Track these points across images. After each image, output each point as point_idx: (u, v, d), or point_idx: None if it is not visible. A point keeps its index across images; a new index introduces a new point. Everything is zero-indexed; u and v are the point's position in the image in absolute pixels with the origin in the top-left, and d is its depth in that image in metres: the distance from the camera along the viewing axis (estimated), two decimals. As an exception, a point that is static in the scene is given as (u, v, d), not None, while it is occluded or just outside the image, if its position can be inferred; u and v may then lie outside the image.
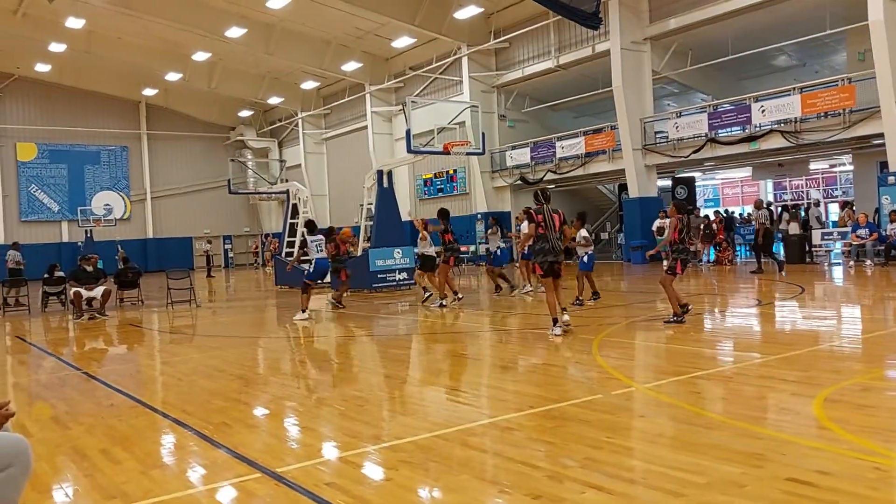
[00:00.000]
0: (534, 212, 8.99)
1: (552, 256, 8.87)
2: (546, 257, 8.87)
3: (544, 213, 8.91)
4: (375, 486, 4.04)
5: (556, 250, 8.90)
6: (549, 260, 8.86)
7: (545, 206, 8.95)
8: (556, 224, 8.93)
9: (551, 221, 8.89)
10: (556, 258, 8.92)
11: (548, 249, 8.84)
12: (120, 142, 40.45)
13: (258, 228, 44.67)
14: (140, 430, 5.45)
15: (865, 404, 5.04)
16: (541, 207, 8.95)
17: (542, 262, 8.90)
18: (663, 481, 3.71)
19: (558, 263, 8.97)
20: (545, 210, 8.93)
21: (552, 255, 8.87)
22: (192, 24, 28.31)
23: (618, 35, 23.19)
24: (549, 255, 8.85)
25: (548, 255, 8.85)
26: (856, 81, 18.63)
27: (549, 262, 8.87)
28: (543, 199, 9.02)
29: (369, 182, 19.15)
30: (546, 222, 8.87)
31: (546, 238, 8.85)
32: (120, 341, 11.99)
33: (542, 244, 8.90)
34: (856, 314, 10.49)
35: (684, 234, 9.74)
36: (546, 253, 8.86)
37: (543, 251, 8.88)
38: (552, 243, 8.85)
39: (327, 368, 8.40)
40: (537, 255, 8.98)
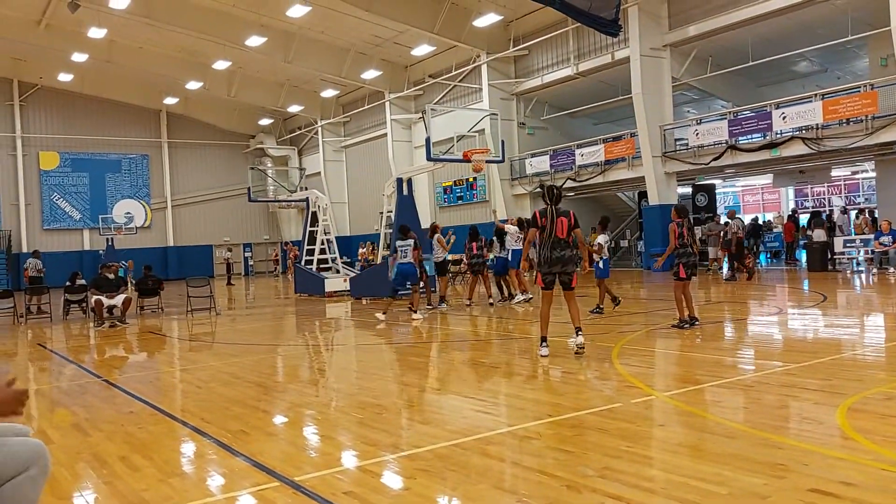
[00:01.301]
0: (538, 213, 7.91)
1: (558, 266, 7.77)
2: (549, 267, 7.80)
3: (548, 215, 7.78)
4: (393, 495, 4.02)
5: (559, 259, 7.76)
6: (553, 271, 7.80)
7: (550, 208, 7.82)
8: (562, 228, 7.79)
9: (553, 225, 7.77)
10: (564, 268, 7.77)
11: (548, 258, 7.79)
12: (141, 150, 40.96)
13: (278, 236, 44.94)
14: (159, 438, 5.49)
15: (890, 414, 4.95)
16: (545, 209, 7.87)
17: (545, 272, 7.84)
18: (683, 491, 3.66)
19: (566, 274, 7.81)
20: (549, 212, 7.80)
21: (555, 264, 7.77)
22: (213, 34, 28.67)
23: (637, 42, 23.12)
24: (550, 266, 7.79)
25: (551, 265, 7.78)
26: (878, 87, 18.41)
27: (553, 272, 7.81)
28: (549, 198, 7.88)
29: (389, 190, 19.21)
30: (552, 227, 7.76)
31: (547, 244, 7.80)
32: (140, 349, 12.10)
33: (544, 251, 7.84)
34: (879, 322, 10.33)
35: (685, 238, 9.80)
36: (547, 262, 7.80)
37: (545, 259, 7.83)
38: (552, 251, 7.77)
39: (345, 376, 8.40)
40: (540, 264, 7.92)
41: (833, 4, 19.64)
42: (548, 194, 7.92)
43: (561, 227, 7.77)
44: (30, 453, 2.71)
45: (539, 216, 7.84)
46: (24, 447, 2.72)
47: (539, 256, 7.88)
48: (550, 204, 7.83)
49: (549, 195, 7.90)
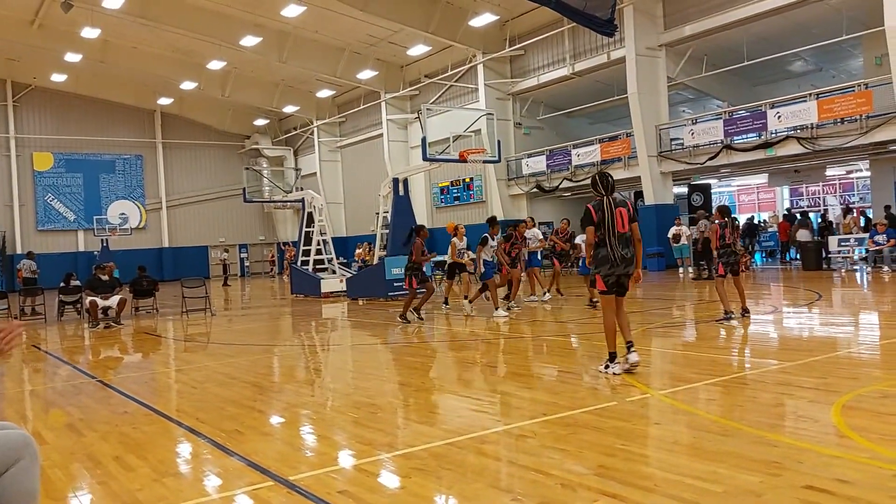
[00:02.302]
0: (592, 207, 6.79)
1: (622, 266, 6.73)
2: (610, 268, 6.72)
3: (604, 208, 6.73)
4: (388, 493, 4.02)
5: (623, 259, 6.74)
6: (616, 272, 6.73)
7: (605, 199, 6.74)
8: (623, 221, 6.76)
9: (613, 219, 6.71)
10: (626, 270, 6.76)
11: (608, 258, 6.74)
12: (135, 151, 40.87)
13: (274, 237, 44.89)
14: (154, 438, 5.47)
15: (885, 412, 4.96)
16: (600, 201, 6.76)
17: (606, 274, 6.74)
18: (679, 489, 3.66)
19: (626, 276, 6.79)
20: (605, 204, 6.74)
21: (617, 265, 6.73)
22: (207, 34, 28.62)
23: (633, 42, 23.15)
24: (614, 266, 6.73)
25: (612, 266, 6.72)
26: (873, 87, 18.46)
27: (615, 274, 6.73)
28: (603, 188, 6.79)
29: (385, 190, 19.21)
30: (606, 221, 6.73)
31: (607, 242, 6.76)
32: (135, 349, 12.07)
33: (603, 250, 6.78)
34: (873, 320, 10.35)
35: (727, 238, 10.06)
36: (608, 262, 6.73)
37: (605, 259, 6.75)
38: (615, 250, 6.73)
39: (341, 376, 8.39)
40: (598, 265, 6.80)
41: (827, 4, 19.69)
42: (601, 183, 6.82)
43: (621, 221, 6.73)
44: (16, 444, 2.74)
45: (594, 210, 6.76)
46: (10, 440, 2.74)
47: (598, 256, 6.81)
48: (606, 195, 6.77)
49: (603, 184, 6.82)
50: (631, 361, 6.66)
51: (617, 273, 6.71)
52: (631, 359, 6.67)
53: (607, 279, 6.74)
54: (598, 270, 6.79)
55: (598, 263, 6.79)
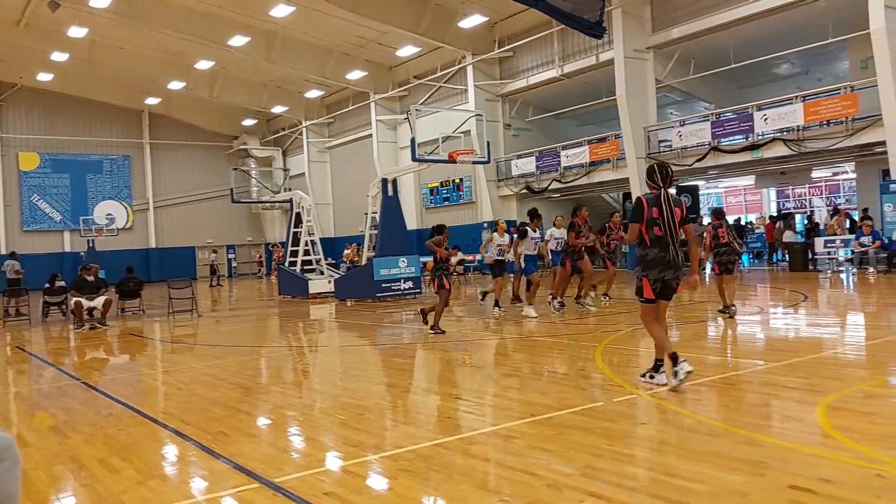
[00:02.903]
0: (645, 200, 5.91)
1: (671, 271, 5.88)
2: (661, 272, 5.87)
3: (661, 202, 5.84)
4: (375, 495, 4.01)
5: (675, 262, 5.88)
6: (665, 277, 5.90)
7: (663, 192, 5.86)
8: (676, 220, 5.87)
9: (672, 215, 5.82)
10: (677, 273, 5.92)
11: (662, 260, 5.85)
12: (122, 151, 40.60)
13: (261, 238, 44.72)
14: (139, 440, 5.43)
15: (869, 412, 5.00)
16: (657, 194, 5.89)
17: (655, 279, 5.89)
18: (665, 490, 3.67)
19: (676, 280, 5.96)
20: (662, 198, 5.84)
21: (668, 268, 5.87)
22: (195, 34, 28.48)
23: (621, 44, 23.25)
24: (665, 270, 5.87)
25: (663, 270, 5.86)
26: (858, 89, 18.63)
27: (664, 279, 5.91)
28: (662, 179, 5.92)
29: (373, 191, 19.18)
30: (664, 217, 5.82)
31: (662, 242, 5.85)
32: (120, 351, 11.98)
33: (654, 251, 5.88)
34: (859, 321, 10.43)
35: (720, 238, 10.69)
36: (659, 265, 5.86)
37: (655, 262, 5.87)
38: (671, 251, 5.84)
39: (328, 378, 8.36)
40: (646, 268, 5.93)
41: (814, 7, 19.85)
42: (659, 174, 5.91)
43: (675, 219, 5.88)
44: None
45: (647, 205, 5.84)
46: None
47: (647, 258, 5.93)
48: (662, 187, 5.88)
49: (662, 175, 5.91)
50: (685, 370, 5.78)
51: (666, 277, 5.88)
52: (684, 367, 5.80)
53: (655, 284, 5.88)
54: (646, 274, 5.88)
55: (646, 266, 5.87)
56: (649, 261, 5.90)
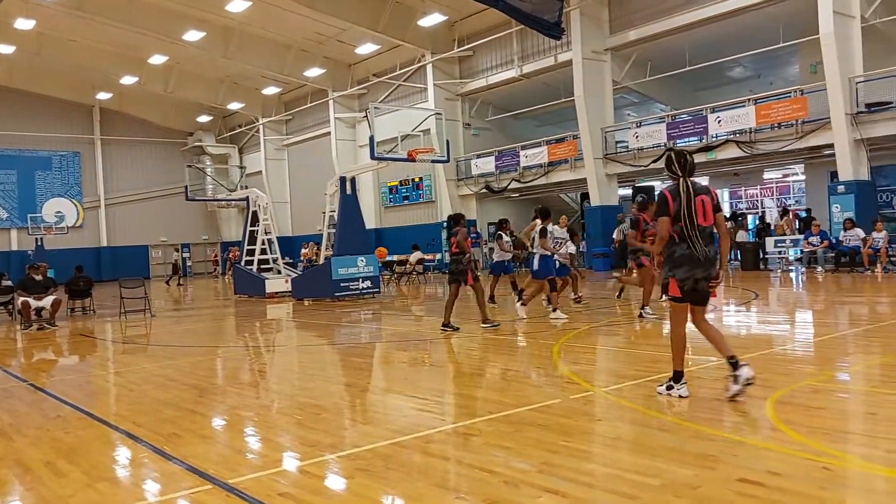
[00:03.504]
0: (668, 193, 5.40)
1: (701, 269, 5.35)
2: (689, 271, 5.35)
3: (681, 193, 5.34)
4: (331, 495, 3.97)
5: (707, 259, 5.36)
6: (695, 276, 5.36)
7: (684, 182, 5.37)
8: (705, 211, 5.38)
9: (693, 207, 5.32)
10: (707, 272, 5.38)
11: (690, 257, 5.34)
12: (72, 147, 39.53)
13: (217, 236, 44.01)
14: (87, 442, 5.28)
15: (815, 406, 5.14)
16: (677, 184, 5.40)
17: (683, 278, 5.37)
18: (618, 484, 3.72)
19: (707, 280, 5.41)
20: (683, 188, 5.35)
21: (698, 266, 5.34)
22: (148, 28, 27.87)
23: (579, 45, 23.51)
24: (694, 268, 5.34)
25: (692, 268, 5.35)
26: (808, 93, 19.16)
27: (694, 278, 5.36)
28: (680, 167, 5.41)
29: (331, 189, 19.03)
30: (689, 209, 5.31)
31: (687, 236, 5.35)
32: (69, 352, 11.66)
33: (682, 248, 5.37)
34: (807, 318, 10.73)
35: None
36: (686, 263, 5.35)
37: (682, 259, 5.37)
38: (696, 246, 5.32)
39: (285, 377, 8.27)
40: (672, 266, 5.41)
41: (765, 12, 20.36)
42: (677, 162, 5.42)
43: (703, 210, 5.37)
44: None
45: (670, 197, 5.37)
46: None
47: (673, 255, 5.43)
48: (683, 176, 5.39)
49: (680, 163, 5.41)
50: (745, 377, 5.22)
51: (696, 276, 5.36)
52: (744, 374, 5.22)
53: (683, 284, 5.37)
54: (674, 273, 5.40)
55: (672, 264, 5.42)
56: (676, 258, 5.38)
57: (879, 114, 17.70)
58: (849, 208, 18.40)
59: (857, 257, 17.47)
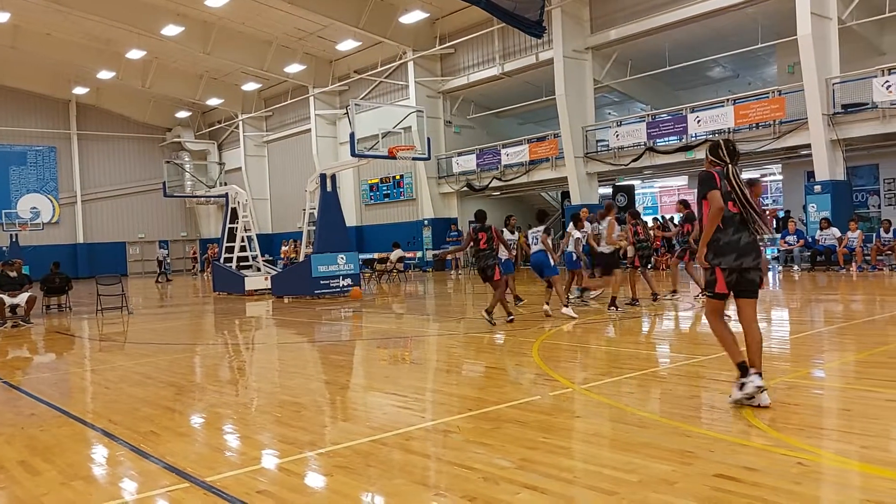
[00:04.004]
0: (717, 175, 4.98)
1: (750, 258, 4.93)
2: (737, 259, 4.92)
3: (730, 176, 4.96)
4: (309, 492, 3.95)
5: (755, 246, 4.97)
6: (743, 265, 4.93)
7: (732, 168, 5.01)
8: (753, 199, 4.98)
9: (745, 192, 4.94)
10: (756, 262, 4.96)
11: (737, 244, 4.92)
12: (48, 142, 38.98)
13: (196, 233, 43.63)
14: (63, 441, 5.22)
15: (790, 402, 5.20)
16: (724, 169, 5.02)
17: (729, 268, 4.93)
18: (597, 480, 3.75)
19: (757, 270, 4.99)
20: (732, 173, 4.98)
21: (746, 254, 4.92)
22: (126, 22, 27.53)
23: (560, 44, 23.59)
24: (742, 256, 4.92)
25: (740, 256, 4.91)
26: (786, 94, 19.39)
27: (741, 267, 4.94)
28: (728, 155, 5.06)
29: (312, 186, 18.93)
30: (740, 194, 4.92)
31: (741, 221, 4.94)
32: (45, 349, 11.50)
33: (728, 234, 4.93)
34: (784, 316, 10.86)
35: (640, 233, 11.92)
36: (734, 250, 4.92)
37: (729, 246, 4.92)
38: (743, 234, 4.93)
39: (265, 375, 8.22)
40: (717, 255, 4.95)
41: (744, 13, 20.57)
42: (725, 149, 5.09)
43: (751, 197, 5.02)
44: None
45: (718, 177, 4.97)
46: None
47: (719, 242, 4.95)
48: (731, 163, 5.04)
49: (729, 151, 5.09)
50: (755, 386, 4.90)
51: (745, 265, 4.91)
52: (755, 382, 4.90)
53: (730, 277, 4.94)
54: (719, 262, 4.93)
55: (717, 252, 4.93)
56: (721, 246, 4.93)
57: (855, 114, 17.95)
58: (825, 208, 18.65)
59: (832, 256, 17.72)
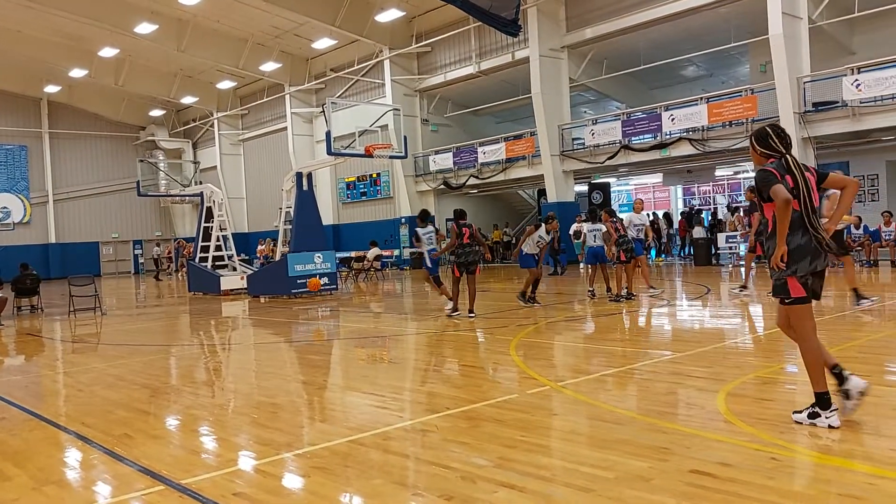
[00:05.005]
0: (775, 171, 4.35)
1: (821, 260, 4.40)
2: (812, 262, 4.36)
3: (792, 168, 4.37)
4: (287, 494, 3.93)
5: (825, 245, 4.36)
6: (817, 268, 4.40)
7: (791, 158, 4.43)
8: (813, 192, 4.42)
9: (809, 188, 4.38)
10: (826, 260, 4.43)
11: (809, 246, 4.35)
12: (19, 140, 38.25)
13: (171, 232, 43.13)
14: (34, 445, 5.13)
15: (764, 397, 5.27)
16: (779, 161, 4.42)
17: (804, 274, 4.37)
18: (574, 477, 3.77)
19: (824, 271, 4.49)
20: (791, 163, 4.39)
21: (819, 256, 4.38)
22: (99, 19, 27.10)
23: (536, 42, 23.68)
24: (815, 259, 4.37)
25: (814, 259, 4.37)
26: (758, 92, 19.63)
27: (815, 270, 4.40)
28: (783, 144, 4.45)
29: (288, 184, 18.81)
30: (802, 190, 4.34)
31: (803, 222, 4.34)
32: (16, 352, 11.30)
33: (798, 236, 4.35)
34: (757, 312, 11.00)
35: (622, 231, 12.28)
36: (808, 253, 4.35)
37: (802, 251, 4.35)
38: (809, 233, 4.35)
39: (241, 376, 8.15)
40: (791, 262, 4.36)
41: (717, 13, 20.79)
42: (777, 137, 4.48)
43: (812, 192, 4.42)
44: None
45: (778, 173, 4.35)
46: None
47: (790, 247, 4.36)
48: (787, 153, 4.45)
49: (781, 138, 4.48)
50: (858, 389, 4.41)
51: (818, 267, 4.40)
52: (856, 385, 4.41)
53: (805, 280, 4.38)
54: (794, 270, 4.36)
55: (791, 260, 4.35)
56: (793, 251, 4.35)
57: (825, 113, 18.23)
58: (797, 205, 18.90)
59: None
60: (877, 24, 19.13)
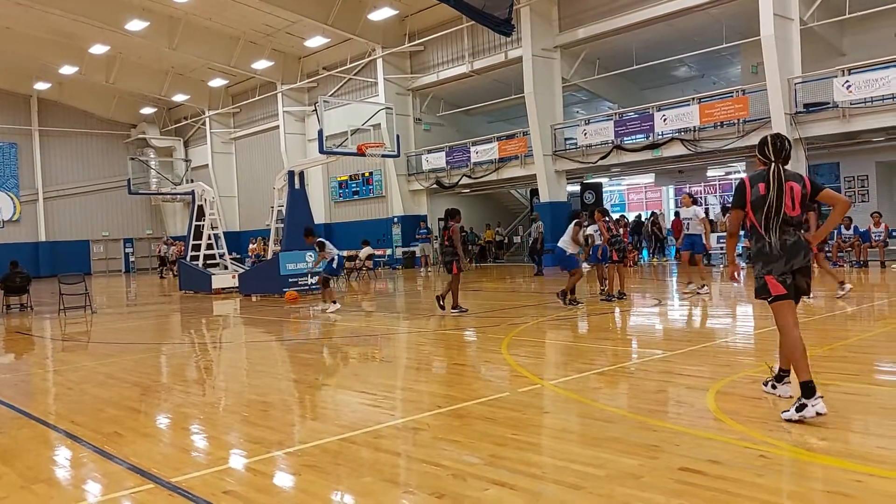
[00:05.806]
0: (747, 180, 4.79)
1: (799, 258, 4.66)
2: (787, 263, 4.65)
3: (771, 178, 4.64)
4: (277, 492, 3.92)
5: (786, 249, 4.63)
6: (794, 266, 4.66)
7: (774, 167, 4.66)
8: (794, 200, 4.65)
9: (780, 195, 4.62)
10: (806, 260, 4.70)
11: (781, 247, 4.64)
12: (8, 138, 38.03)
13: (162, 231, 42.96)
14: (23, 443, 5.10)
15: (753, 396, 5.30)
16: (765, 171, 4.71)
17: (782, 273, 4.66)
18: (565, 475, 3.78)
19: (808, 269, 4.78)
20: (773, 173, 4.65)
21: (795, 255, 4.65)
22: (90, 16, 26.96)
23: (529, 42, 23.70)
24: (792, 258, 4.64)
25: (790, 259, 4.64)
26: (749, 93, 19.71)
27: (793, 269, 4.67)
28: (773, 152, 4.69)
29: (279, 183, 18.76)
30: (772, 199, 4.62)
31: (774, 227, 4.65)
32: (5, 350, 11.23)
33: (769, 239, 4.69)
34: (748, 312, 11.05)
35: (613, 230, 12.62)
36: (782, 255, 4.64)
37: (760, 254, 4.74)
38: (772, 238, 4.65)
39: (232, 374, 8.13)
40: (766, 263, 4.70)
41: (709, 14, 20.87)
42: (771, 146, 4.71)
43: (791, 199, 4.65)
44: None
45: (749, 185, 4.73)
46: None
47: (762, 249, 4.70)
48: (776, 162, 4.69)
49: (776, 148, 4.71)
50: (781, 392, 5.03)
51: (796, 266, 4.66)
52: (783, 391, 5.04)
53: (783, 279, 4.66)
54: (769, 270, 4.68)
55: (766, 260, 4.70)
56: (767, 253, 4.68)
57: (816, 114, 18.32)
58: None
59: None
60: (867, 25, 19.26)
